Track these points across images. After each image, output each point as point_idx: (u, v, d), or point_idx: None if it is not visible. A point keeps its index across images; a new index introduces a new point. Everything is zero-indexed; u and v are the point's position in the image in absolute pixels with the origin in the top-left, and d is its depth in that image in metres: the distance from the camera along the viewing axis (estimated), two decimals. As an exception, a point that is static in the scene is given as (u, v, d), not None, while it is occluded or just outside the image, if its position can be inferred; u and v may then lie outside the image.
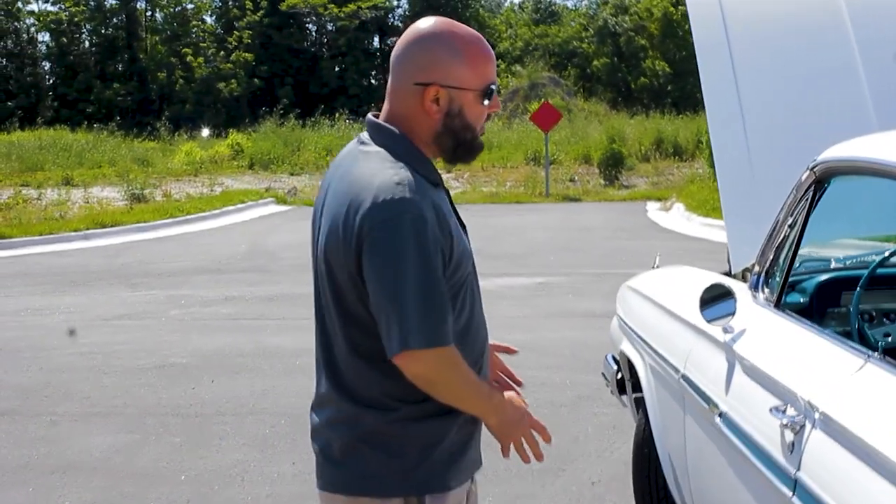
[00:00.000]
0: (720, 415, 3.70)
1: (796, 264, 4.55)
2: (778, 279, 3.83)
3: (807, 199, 3.74)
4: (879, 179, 3.30)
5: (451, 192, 3.26)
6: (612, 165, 30.02)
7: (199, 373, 9.11)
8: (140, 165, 34.79)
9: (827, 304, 4.19)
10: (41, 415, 7.94)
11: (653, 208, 23.99)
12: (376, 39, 61.21)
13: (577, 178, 30.81)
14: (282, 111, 44.76)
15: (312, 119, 44.12)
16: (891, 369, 2.91)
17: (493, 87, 2.83)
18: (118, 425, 7.61)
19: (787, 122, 4.89)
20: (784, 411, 3.12)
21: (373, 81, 59.72)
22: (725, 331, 3.88)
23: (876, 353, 3.02)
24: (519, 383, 3.21)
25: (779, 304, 3.80)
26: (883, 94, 4.73)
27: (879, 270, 4.13)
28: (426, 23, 2.83)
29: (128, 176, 28.82)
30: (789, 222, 3.84)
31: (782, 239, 3.87)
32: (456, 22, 2.89)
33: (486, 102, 2.82)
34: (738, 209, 4.70)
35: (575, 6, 62.17)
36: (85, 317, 12.07)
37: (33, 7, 61.73)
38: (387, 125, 2.80)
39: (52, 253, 18.39)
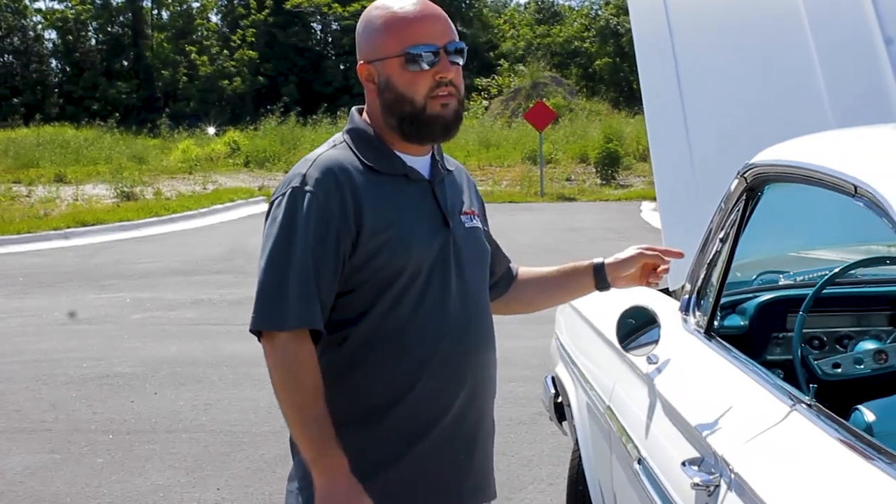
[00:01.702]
0: (639, 461, 3.17)
1: (749, 278, 4.05)
2: (710, 301, 3.29)
3: (738, 210, 3.20)
4: (811, 188, 2.75)
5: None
6: (609, 164, 29.44)
7: (142, 384, 8.58)
8: (136, 163, 34.28)
9: (771, 327, 3.64)
10: (-37, 431, 7.42)
11: (647, 208, 23.33)
12: (381, 38, 60.71)
13: (573, 177, 30.26)
14: (282, 109, 44.26)
15: (314, 118, 43.63)
16: (817, 420, 2.38)
17: (417, 49, 2.55)
18: (42, 443, 7.08)
19: (734, 125, 4.36)
20: (699, 467, 2.60)
21: (377, 80, 59.16)
22: (650, 361, 3.34)
23: (806, 398, 2.49)
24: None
25: (710, 331, 3.26)
26: (842, 96, 4.19)
27: (832, 290, 3.60)
28: None
29: (121, 173, 28.29)
30: (721, 236, 3.30)
31: (714, 255, 3.33)
32: None
33: (414, 67, 2.55)
34: (678, 219, 4.15)
35: (577, 6, 61.56)
36: (42, 321, 11.55)
37: (40, 5, 61.51)
38: (353, 114, 2.71)
39: (28, 252, 17.86)
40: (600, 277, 3.09)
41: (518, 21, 60.96)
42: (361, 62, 2.63)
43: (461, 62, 2.61)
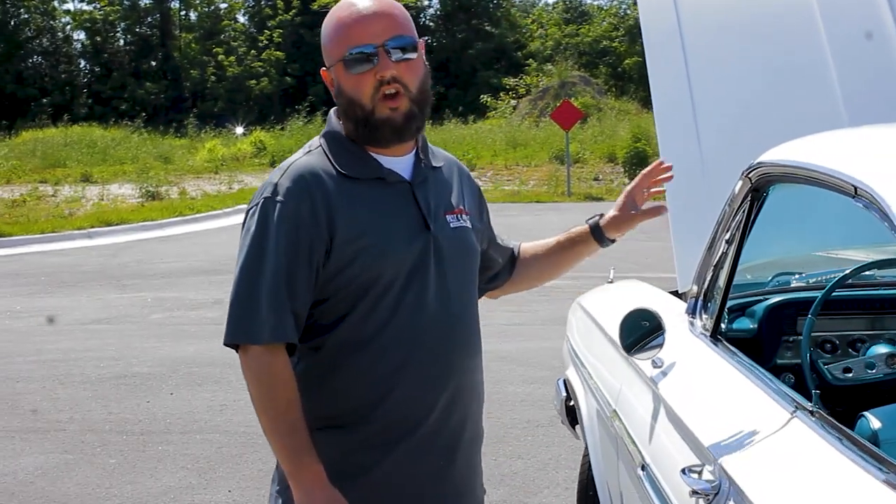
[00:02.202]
0: (642, 467, 3.09)
1: (764, 279, 3.97)
2: (716, 304, 3.20)
3: (744, 211, 3.12)
4: (816, 189, 2.67)
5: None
6: (637, 164, 29.22)
7: (159, 384, 8.55)
8: (163, 162, 34.38)
9: (781, 330, 3.55)
10: (-23, 430, 7.40)
11: (675, 208, 23.20)
12: (408, 38, 60.83)
13: (601, 176, 30.13)
14: (308, 109, 44.31)
15: (340, 117, 43.62)
16: (818, 428, 2.30)
17: (354, 51, 2.50)
18: (55, 443, 7.06)
19: (745, 123, 4.26)
20: (699, 474, 2.52)
21: (405, 79, 59.33)
22: (654, 364, 3.26)
23: (809, 405, 2.40)
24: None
25: (716, 334, 3.18)
26: (856, 93, 4.08)
27: (845, 292, 3.51)
28: None
29: (147, 173, 28.40)
30: (727, 237, 3.22)
31: (720, 257, 3.25)
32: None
33: (355, 70, 2.51)
34: (688, 220, 4.07)
35: (606, 5, 61.46)
36: (63, 320, 11.56)
37: (69, 6, 61.80)
38: (331, 117, 2.64)
39: (52, 252, 17.93)
40: (599, 237, 3.03)
41: (546, 20, 60.79)
42: (323, 68, 2.61)
43: (411, 57, 2.53)
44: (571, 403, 4.80)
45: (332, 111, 2.65)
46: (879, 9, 4.21)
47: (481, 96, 47.67)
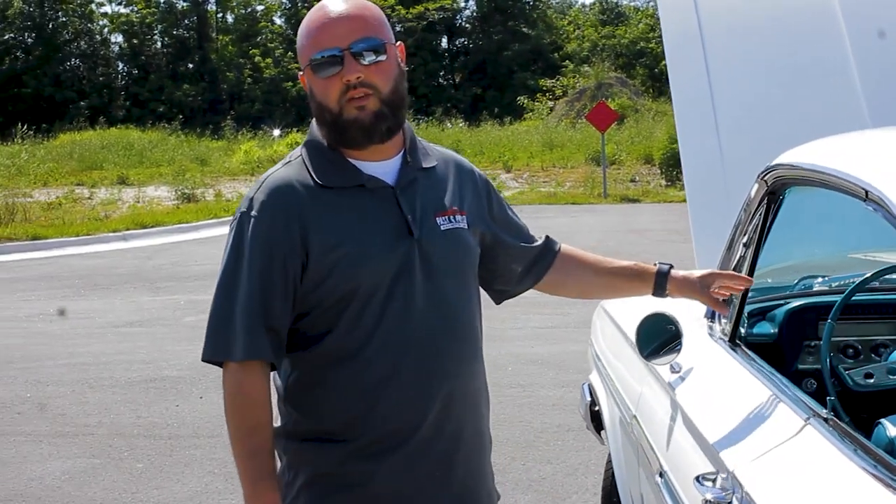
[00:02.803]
0: (660, 474, 3.04)
1: (790, 282, 3.90)
2: (734, 308, 3.15)
3: (761, 214, 3.06)
4: (830, 192, 2.61)
5: (508, 193, 2.68)
6: (674, 165, 29.04)
7: (189, 387, 8.54)
8: (199, 165, 34.53)
9: (803, 335, 3.48)
10: (6, 434, 7.40)
11: (711, 210, 23.01)
12: (444, 40, 60.93)
13: (637, 178, 30.00)
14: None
15: (377, 119, 43.74)
16: (830, 435, 2.25)
17: (319, 55, 2.47)
18: (83, 448, 7.06)
19: (766, 123, 4.21)
20: (713, 482, 2.47)
21: (441, 82, 59.49)
22: (672, 369, 3.21)
23: (824, 411, 2.35)
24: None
25: (734, 339, 3.13)
26: (878, 91, 4.01)
27: (870, 296, 3.45)
28: None
29: (183, 175, 28.53)
30: (744, 241, 3.17)
31: (738, 260, 3.20)
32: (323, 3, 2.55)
33: (321, 74, 2.47)
34: (708, 222, 4.02)
35: (643, 6, 61.32)
36: (95, 323, 11.59)
37: (106, 9, 62.34)
38: (312, 124, 2.59)
39: (87, 254, 18.00)
40: (660, 284, 2.93)
41: (582, 22, 60.77)
42: (300, 73, 2.58)
43: (381, 59, 2.46)
44: (597, 408, 4.75)
45: (314, 119, 2.60)
46: None
47: (518, 98, 47.66)
